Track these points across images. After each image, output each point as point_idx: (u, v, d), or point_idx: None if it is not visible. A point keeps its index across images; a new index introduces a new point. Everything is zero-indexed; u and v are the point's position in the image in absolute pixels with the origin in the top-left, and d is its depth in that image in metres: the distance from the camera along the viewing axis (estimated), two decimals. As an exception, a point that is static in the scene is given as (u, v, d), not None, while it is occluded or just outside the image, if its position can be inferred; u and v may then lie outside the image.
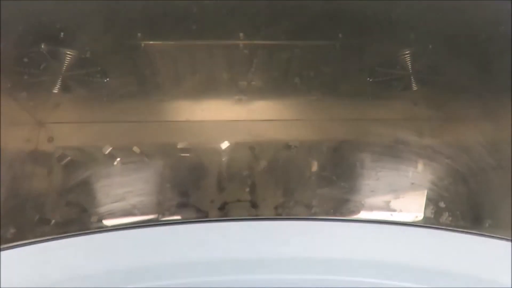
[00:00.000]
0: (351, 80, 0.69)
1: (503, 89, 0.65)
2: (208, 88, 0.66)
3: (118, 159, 0.61)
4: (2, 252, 0.50)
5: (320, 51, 0.69)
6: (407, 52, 0.68)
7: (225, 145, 0.62)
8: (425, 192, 0.59)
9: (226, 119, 0.66)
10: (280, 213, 0.58)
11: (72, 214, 0.57)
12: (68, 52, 0.64)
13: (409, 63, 0.68)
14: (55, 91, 0.64)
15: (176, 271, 0.48)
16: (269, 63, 0.68)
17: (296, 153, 0.64)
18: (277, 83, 0.67)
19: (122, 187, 0.59)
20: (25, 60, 0.63)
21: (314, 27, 0.67)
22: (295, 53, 0.68)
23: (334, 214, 0.58)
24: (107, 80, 0.65)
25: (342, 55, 0.68)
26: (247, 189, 0.61)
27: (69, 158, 0.61)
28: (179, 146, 0.62)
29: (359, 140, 0.65)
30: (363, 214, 0.58)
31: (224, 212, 0.58)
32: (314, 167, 0.63)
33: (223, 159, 0.62)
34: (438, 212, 0.57)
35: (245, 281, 0.49)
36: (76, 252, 0.48)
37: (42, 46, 0.63)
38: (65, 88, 0.65)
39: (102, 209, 0.57)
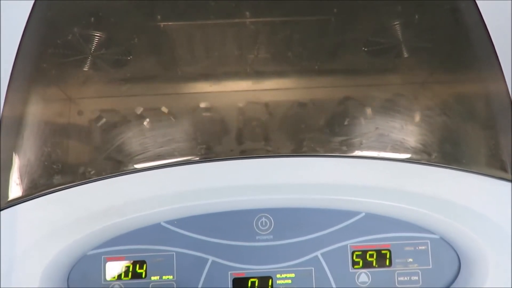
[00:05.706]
0: (348, 50, 0.76)
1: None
2: (221, 61, 0.74)
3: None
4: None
5: (318, 25, 0.77)
6: (396, 23, 0.76)
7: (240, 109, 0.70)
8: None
9: (239, 89, 0.73)
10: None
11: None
12: (95, 34, 0.73)
13: (399, 33, 0.76)
14: (84, 70, 0.72)
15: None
16: (273, 38, 0.76)
17: (302, 114, 0.71)
18: (282, 55, 0.75)
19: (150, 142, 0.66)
20: (58, 43, 0.72)
21: (312, 4, 0.76)
22: (297, 28, 0.76)
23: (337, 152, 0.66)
24: (130, 58, 0.73)
25: (338, 28, 0.77)
26: (263, 142, 0.67)
27: (99, 124, 0.68)
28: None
29: (358, 102, 0.72)
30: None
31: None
32: (319, 123, 0.70)
33: (240, 119, 0.69)
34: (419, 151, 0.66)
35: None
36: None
37: (74, 30, 0.72)
38: (92, 67, 0.72)
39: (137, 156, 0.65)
